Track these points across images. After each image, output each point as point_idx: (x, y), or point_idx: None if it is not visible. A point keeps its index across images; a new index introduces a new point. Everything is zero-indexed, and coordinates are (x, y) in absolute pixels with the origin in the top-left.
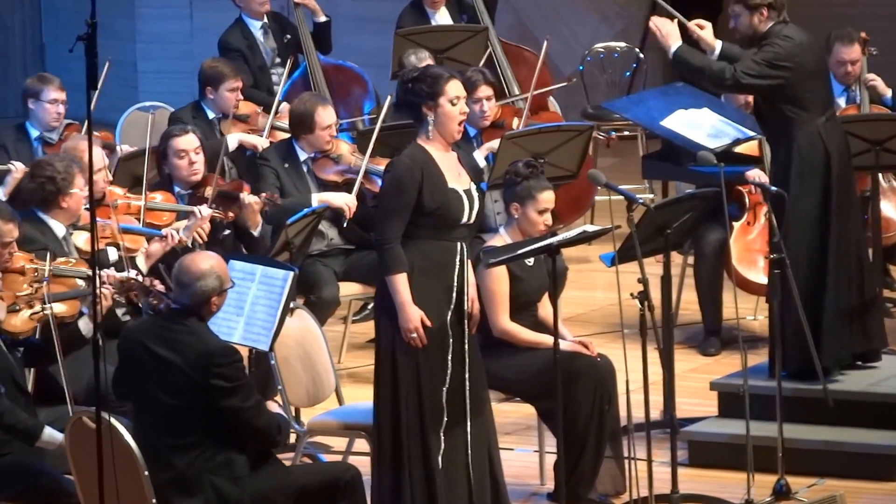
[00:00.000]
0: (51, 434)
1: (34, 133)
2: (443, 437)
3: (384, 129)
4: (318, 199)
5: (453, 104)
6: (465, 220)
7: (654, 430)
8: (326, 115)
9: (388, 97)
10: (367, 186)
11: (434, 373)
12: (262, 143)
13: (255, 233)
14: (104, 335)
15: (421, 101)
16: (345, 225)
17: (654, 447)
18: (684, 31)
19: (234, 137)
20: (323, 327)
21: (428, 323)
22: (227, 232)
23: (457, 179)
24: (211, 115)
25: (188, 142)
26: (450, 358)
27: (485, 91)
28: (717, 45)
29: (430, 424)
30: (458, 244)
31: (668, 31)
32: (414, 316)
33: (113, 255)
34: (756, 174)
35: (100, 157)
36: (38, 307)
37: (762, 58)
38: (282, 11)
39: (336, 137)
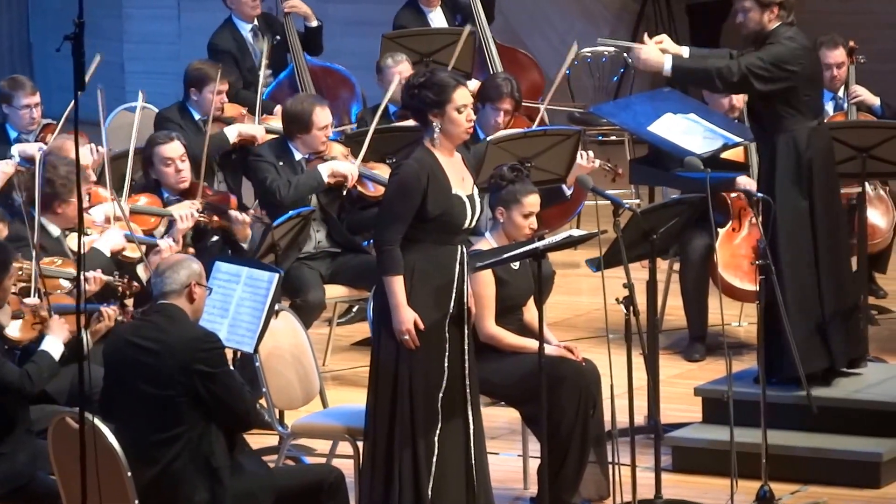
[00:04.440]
0: (53, 346)
1: (13, 134)
2: (437, 442)
3: (375, 132)
4: (326, 168)
5: (460, 112)
6: (466, 224)
7: (638, 435)
8: (323, 116)
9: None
10: (360, 189)
11: (430, 377)
12: (259, 133)
13: (245, 245)
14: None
15: (427, 109)
16: (344, 193)
17: (638, 452)
18: None
19: (234, 130)
20: (308, 330)
21: (421, 326)
22: (215, 239)
23: (460, 185)
24: (197, 115)
25: (174, 149)
26: (446, 364)
27: (506, 105)
28: (685, 50)
29: (422, 429)
30: (459, 247)
31: (648, 55)
32: (407, 318)
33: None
34: (745, 181)
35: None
36: (39, 317)
37: (768, 57)
38: (270, 11)
39: (330, 140)
